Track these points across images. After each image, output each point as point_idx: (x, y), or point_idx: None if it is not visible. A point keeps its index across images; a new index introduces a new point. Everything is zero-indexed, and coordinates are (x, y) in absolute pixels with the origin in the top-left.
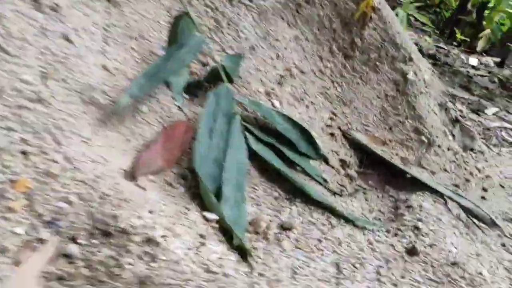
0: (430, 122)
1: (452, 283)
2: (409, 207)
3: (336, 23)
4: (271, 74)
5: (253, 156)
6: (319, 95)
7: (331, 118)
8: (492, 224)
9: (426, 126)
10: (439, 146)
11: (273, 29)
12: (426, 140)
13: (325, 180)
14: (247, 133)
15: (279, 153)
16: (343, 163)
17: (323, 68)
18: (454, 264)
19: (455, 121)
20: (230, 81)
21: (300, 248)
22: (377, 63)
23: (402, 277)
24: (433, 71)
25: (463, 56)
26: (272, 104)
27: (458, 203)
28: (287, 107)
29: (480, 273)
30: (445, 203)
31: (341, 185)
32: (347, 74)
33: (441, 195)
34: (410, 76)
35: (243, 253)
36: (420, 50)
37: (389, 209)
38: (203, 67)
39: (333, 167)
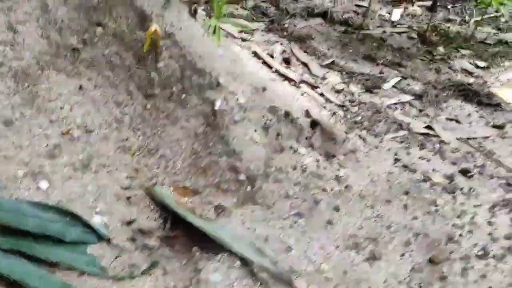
0: (249, 155)
1: None
2: (198, 282)
3: (129, 59)
4: (41, 147)
5: None
6: (115, 151)
7: (131, 177)
8: (287, 284)
9: (243, 161)
10: (280, 169)
11: (44, 87)
12: (244, 178)
13: (102, 269)
14: None
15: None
16: (141, 232)
17: (120, 115)
18: None
19: (314, 124)
20: None
21: None
22: (183, 96)
23: None
24: (254, 88)
25: (385, 11)
26: (38, 188)
27: (256, 263)
28: (61, 185)
29: None
30: (245, 264)
31: (131, 265)
32: (150, 116)
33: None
34: (218, 106)
35: None
36: (332, 18)
37: (186, 283)
38: None
39: (117, 247)
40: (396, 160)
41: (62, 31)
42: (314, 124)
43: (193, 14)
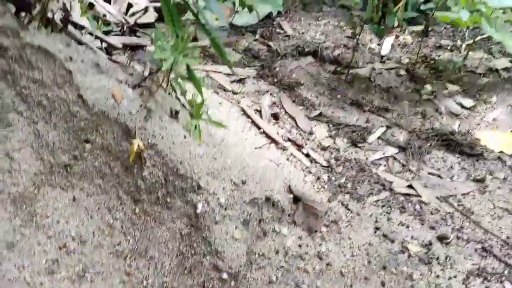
0: (230, 253)
1: None
2: None
3: (117, 168)
4: (41, 265)
5: None
6: (109, 257)
7: (123, 282)
8: None
9: (225, 260)
10: (263, 254)
11: (40, 204)
12: (226, 277)
13: None
14: None
15: None
16: None
17: (112, 220)
18: None
19: (296, 200)
20: None
21: None
22: (168, 199)
23: None
24: (234, 184)
25: (376, 42)
26: None
27: None
28: None
29: None
30: None
31: None
32: (139, 220)
33: None
34: (199, 209)
35: None
36: (322, 56)
37: None
38: None
39: None
40: (377, 228)
41: (54, 151)
42: (296, 199)
43: (175, 115)
